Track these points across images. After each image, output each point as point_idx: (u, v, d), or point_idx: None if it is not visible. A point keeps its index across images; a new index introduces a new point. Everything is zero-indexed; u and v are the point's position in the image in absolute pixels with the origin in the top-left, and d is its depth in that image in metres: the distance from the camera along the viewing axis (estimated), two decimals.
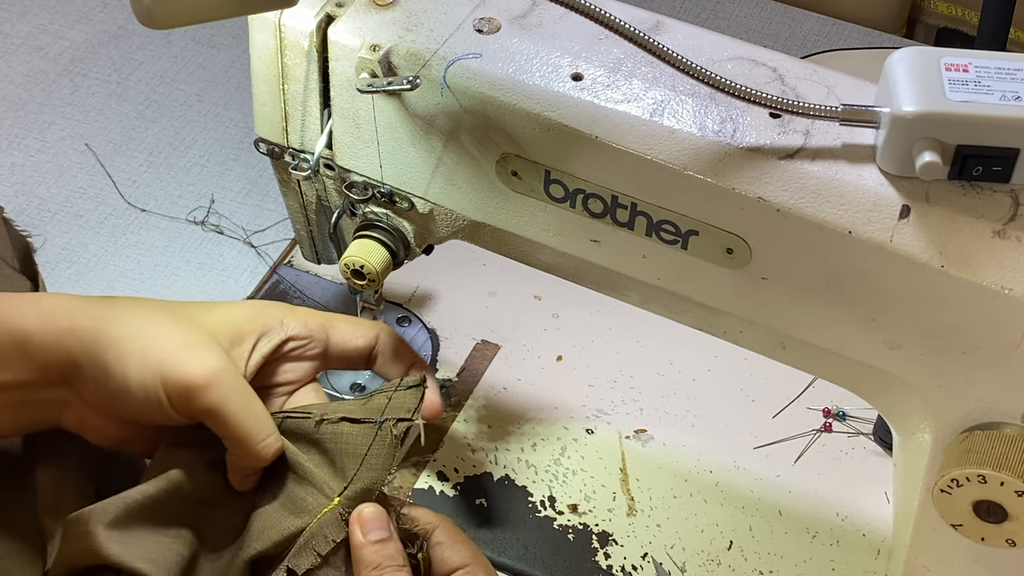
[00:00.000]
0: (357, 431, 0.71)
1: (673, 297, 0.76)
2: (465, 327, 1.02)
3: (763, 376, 0.98)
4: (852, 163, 0.67)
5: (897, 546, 0.79)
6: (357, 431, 0.71)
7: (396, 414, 0.72)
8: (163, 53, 1.26)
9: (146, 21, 0.60)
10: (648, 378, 0.99)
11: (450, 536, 0.71)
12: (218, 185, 1.14)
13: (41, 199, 1.13)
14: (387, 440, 0.71)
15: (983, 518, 0.68)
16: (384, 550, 0.68)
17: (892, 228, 0.66)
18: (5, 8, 1.29)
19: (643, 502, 0.92)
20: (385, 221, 0.83)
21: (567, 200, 0.74)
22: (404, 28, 0.75)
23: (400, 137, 0.77)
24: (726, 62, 0.71)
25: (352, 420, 0.72)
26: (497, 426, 0.96)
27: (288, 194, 0.87)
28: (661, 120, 0.69)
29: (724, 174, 0.68)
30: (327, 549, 0.68)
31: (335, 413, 0.72)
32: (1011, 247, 0.64)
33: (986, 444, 0.67)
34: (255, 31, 0.78)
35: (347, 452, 0.71)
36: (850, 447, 0.95)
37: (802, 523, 0.91)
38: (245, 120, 1.20)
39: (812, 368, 0.78)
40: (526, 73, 0.72)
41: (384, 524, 0.69)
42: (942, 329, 0.67)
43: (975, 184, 0.65)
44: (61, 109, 1.20)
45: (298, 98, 0.79)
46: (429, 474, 0.92)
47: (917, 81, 0.64)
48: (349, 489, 0.70)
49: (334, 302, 1.02)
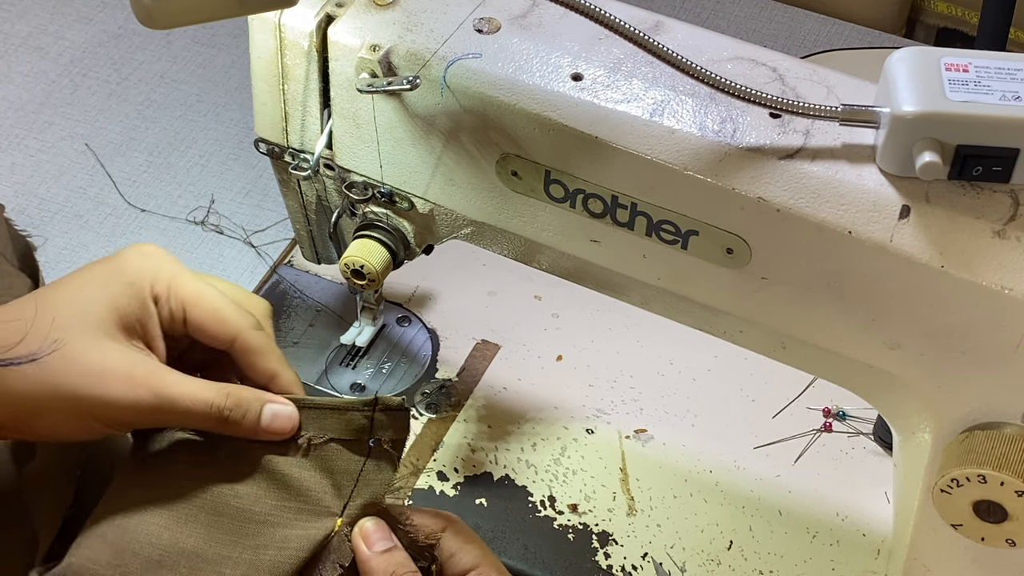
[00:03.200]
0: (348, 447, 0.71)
1: (673, 297, 0.76)
2: (465, 327, 1.02)
3: (763, 376, 0.98)
4: (852, 163, 0.67)
5: (897, 546, 0.79)
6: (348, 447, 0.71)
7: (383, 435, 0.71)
8: (163, 53, 1.26)
9: (146, 21, 0.60)
10: (648, 378, 0.99)
11: (459, 537, 0.71)
12: (218, 185, 1.14)
13: (41, 199, 1.13)
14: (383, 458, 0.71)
15: (983, 518, 0.68)
16: (393, 558, 0.68)
17: (892, 228, 0.66)
18: (5, 8, 1.29)
19: (643, 502, 0.92)
20: (385, 221, 0.83)
21: (567, 200, 0.74)
22: (404, 28, 0.75)
23: (400, 137, 0.77)
24: (726, 62, 0.71)
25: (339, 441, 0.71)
26: (497, 426, 0.95)
27: (288, 194, 0.87)
28: (661, 120, 0.69)
29: (724, 174, 0.68)
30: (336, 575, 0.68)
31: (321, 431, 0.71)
32: (1011, 247, 0.64)
33: (986, 444, 0.67)
34: (255, 31, 0.78)
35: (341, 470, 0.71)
36: (850, 447, 0.95)
37: (802, 523, 0.91)
38: (245, 120, 1.20)
39: (812, 368, 0.78)
40: (526, 73, 0.72)
41: (387, 535, 0.69)
42: (942, 329, 0.67)
43: (975, 184, 0.65)
44: (61, 109, 1.20)
45: (298, 98, 0.79)
46: (429, 474, 0.92)
47: (917, 81, 0.64)
48: (350, 507, 0.70)
49: (334, 302, 1.03)
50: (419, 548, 0.70)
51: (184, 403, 0.68)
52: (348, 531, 0.69)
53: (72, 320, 0.68)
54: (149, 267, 0.71)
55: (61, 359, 0.67)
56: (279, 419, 0.71)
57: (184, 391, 0.68)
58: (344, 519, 0.70)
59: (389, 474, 0.71)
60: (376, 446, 0.71)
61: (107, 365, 0.67)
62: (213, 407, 0.69)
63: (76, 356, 0.67)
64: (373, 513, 0.70)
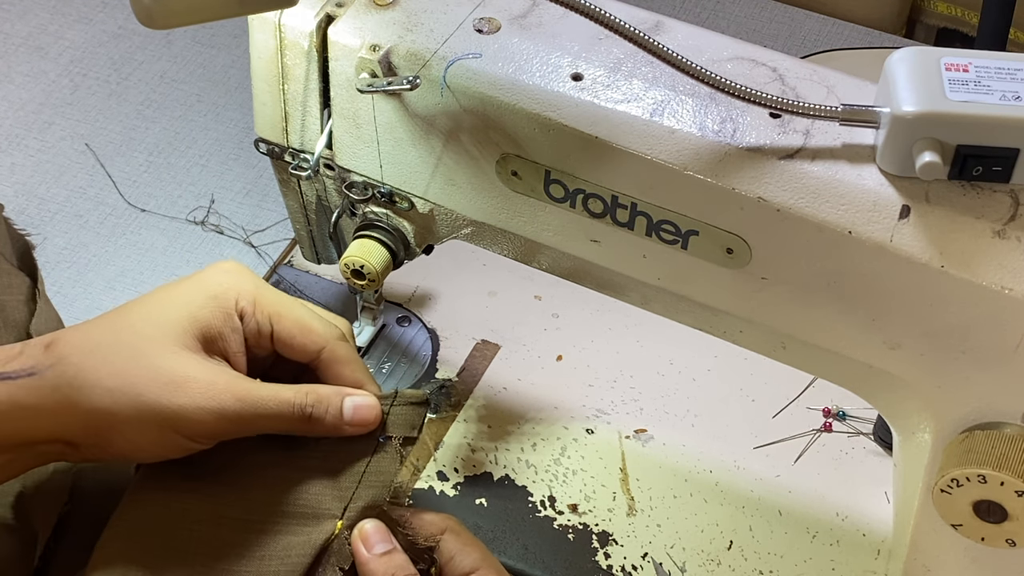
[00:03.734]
0: (354, 446, 0.71)
1: (673, 297, 0.76)
2: (465, 327, 1.02)
3: (763, 376, 0.98)
4: (852, 163, 0.67)
5: (897, 546, 0.79)
6: (354, 446, 0.71)
7: (398, 431, 0.71)
8: (163, 53, 1.26)
9: (146, 21, 0.60)
10: (648, 378, 0.99)
11: (459, 539, 0.71)
12: (218, 185, 1.14)
13: (41, 199, 1.13)
14: (391, 457, 0.71)
15: (983, 518, 0.68)
16: (392, 560, 0.68)
17: (892, 228, 0.66)
18: (5, 8, 1.29)
19: (643, 502, 0.92)
20: (385, 221, 0.83)
21: (567, 200, 0.74)
22: (404, 28, 0.75)
23: (400, 137, 0.77)
24: (726, 62, 0.71)
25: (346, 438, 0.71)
26: (497, 426, 0.95)
27: (288, 194, 0.87)
28: (661, 120, 0.69)
29: (724, 174, 0.68)
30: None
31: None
32: (1011, 247, 0.64)
33: (986, 444, 0.67)
34: (255, 31, 0.78)
35: (345, 469, 0.71)
36: (850, 447, 0.95)
37: (802, 523, 0.91)
38: (245, 120, 1.20)
39: (812, 368, 0.78)
40: (526, 73, 0.72)
41: (386, 537, 0.69)
42: (942, 329, 0.67)
43: (975, 184, 0.65)
44: (61, 109, 1.20)
45: (298, 98, 0.79)
46: (429, 474, 0.92)
47: (917, 81, 0.64)
48: (350, 508, 0.69)
49: (334, 302, 1.02)
50: (418, 550, 0.70)
51: (268, 405, 0.69)
52: (348, 534, 0.69)
53: (153, 335, 0.69)
54: (233, 283, 0.72)
55: (143, 370, 0.67)
56: (361, 411, 0.71)
57: (266, 393, 0.69)
58: (344, 521, 0.70)
59: (392, 475, 0.71)
60: (385, 443, 0.71)
61: (189, 374, 0.68)
62: (296, 406, 0.70)
63: (158, 367, 0.68)
64: (373, 515, 0.70)
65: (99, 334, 0.70)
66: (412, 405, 0.72)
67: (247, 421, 0.69)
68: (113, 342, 0.69)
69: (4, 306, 0.80)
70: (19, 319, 0.81)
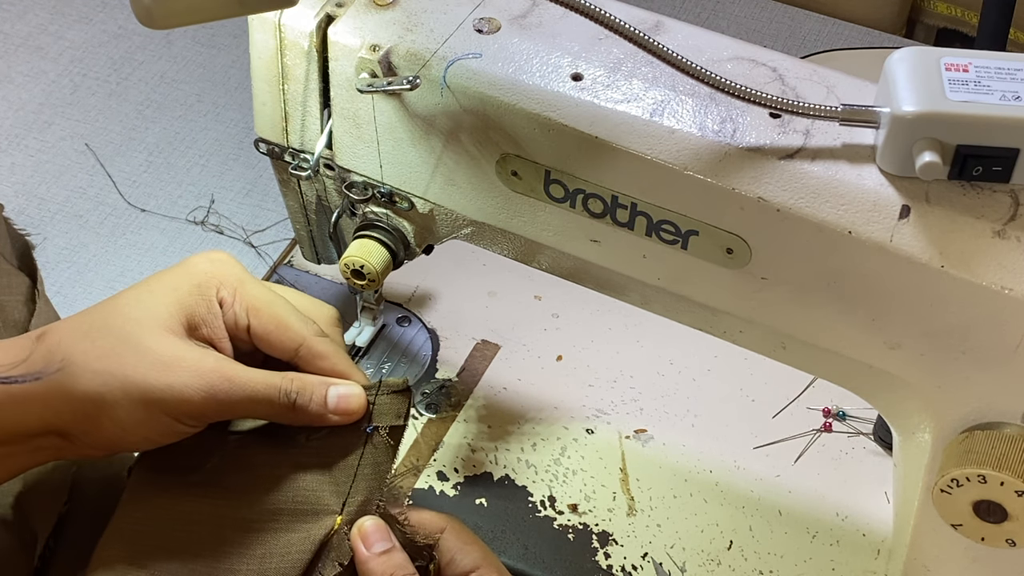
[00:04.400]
0: (344, 439, 0.71)
1: (673, 297, 0.76)
2: (465, 327, 1.02)
3: (763, 376, 0.98)
4: (852, 163, 0.67)
5: (897, 546, 0.79)
6: (344, 439, 0.71)
7: (384, 420, 0.71)
8: (163, 53, 1.26)
9: (146, 21, 0.60)
10: (648, 378, 0.99)
11: (459, 538, 0.71)
12: (218, 185, 1.14)
13: (41, 199, 1.13)
14: (384, 448, 0.71)
15: (983, 518, 0.68)
16: (391, 560, 0.68)
17: (892, 228, 0.66)
18: (5, 8, 1.29)
19: (643, 502, 0.92)
20: (385, 221, 0.83)
21: (567, 200, 0.74)
22: (404, 28, 0.75)
23: (400, 137, 0.77)
24: (726, 62, 0.71)
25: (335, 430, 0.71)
26: (497, 426, 0.96)
27: (288, 194, 0.87)
28: (661, 120, 0.69)
29: (724, 174, 0.68)
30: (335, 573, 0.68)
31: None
32: (1011, 247, 0.64)
33: (986, 444, 0.67)
34: (255, 31, 0.78)
35: (339, 463, 0.71)
36: (850, 447, 0.95)
37: (802, 523, 0.91)
38: (245, 120, 1.20)
39: (812, 368, 0.78)
40: (526, 73, 0.72)
41: (386, 535, 0.69)
42: (942, 329, 0.67)
43: (975, 184, 0.65)
44: (61, 109, 1.20)
45: (298, 98, 0.79)
46: (429, 474, 0.92)
47: (917, 81, 0.64)
48: (348, 503, 0.69)
49: (334, 302, 1.02)
50: (417, 548, 0.70)
51: (256, 388, 0.69)
52: (347, 529, 0.69)
53: (141, 318, 0.69)
54: (216, 271, 0.72)
55: (131, 352, 0.68)
56: (345, 400, 0.71)
57: (254, 375, 0.70)
58: (344, 516, 0.70)
59: (387, 466, 0.71)
60: (373, 434, 0.71)
61: (177, 354, 0.68)
62: (281, 390, 0.70)
63: (146, 348, 0.68)
64: (372, 511, 0.70)
65: (89, 320, 0.70)
66: (396, 394, 0.72)
67: (235, 403, 0.69)
68: (102, 326, 0.69)
69: (4, 306, 0.81)
70: (19, 319, 0.81)
